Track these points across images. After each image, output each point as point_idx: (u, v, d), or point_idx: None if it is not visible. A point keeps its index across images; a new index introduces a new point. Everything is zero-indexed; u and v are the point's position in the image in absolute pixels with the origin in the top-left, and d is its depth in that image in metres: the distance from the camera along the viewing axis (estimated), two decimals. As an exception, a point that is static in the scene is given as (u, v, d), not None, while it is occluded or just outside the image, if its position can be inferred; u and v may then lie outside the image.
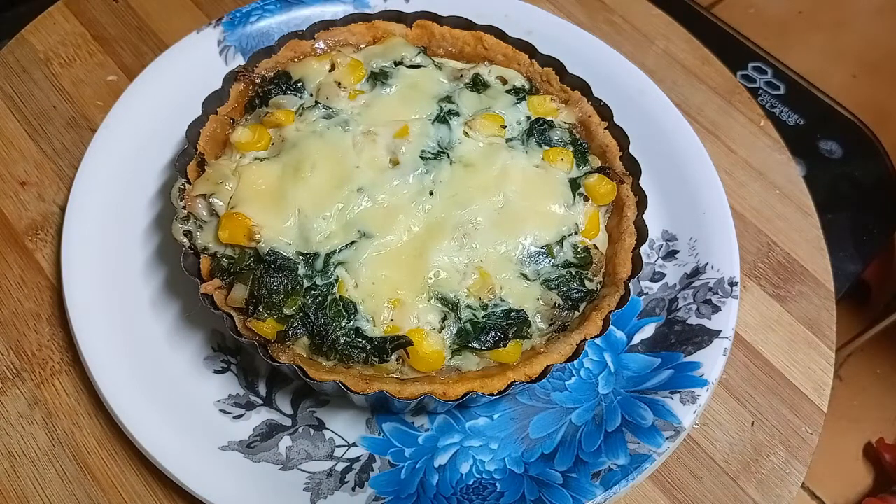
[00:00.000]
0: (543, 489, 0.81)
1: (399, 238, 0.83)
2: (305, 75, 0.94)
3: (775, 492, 0.87)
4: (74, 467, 0.82)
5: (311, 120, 0.90)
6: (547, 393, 0.88)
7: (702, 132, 1.10)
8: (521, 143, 0.92)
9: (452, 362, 0.80)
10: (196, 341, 0.88)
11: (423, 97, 0.93)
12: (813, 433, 0.91)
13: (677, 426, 0.85)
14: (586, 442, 0.84)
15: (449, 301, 0.80)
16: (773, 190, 1.09)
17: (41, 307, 0.91)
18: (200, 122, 0.89)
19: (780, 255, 1.04)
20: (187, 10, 1.17)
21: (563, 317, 0.82)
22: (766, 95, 1.53)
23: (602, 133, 0.94)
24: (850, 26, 1.83)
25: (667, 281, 0.96)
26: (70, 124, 1.04)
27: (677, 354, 0.90)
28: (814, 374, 0.95)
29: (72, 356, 0.88)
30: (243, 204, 0.82)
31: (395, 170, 0.87)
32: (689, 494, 0.86)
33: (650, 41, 1.21)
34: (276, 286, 0.78)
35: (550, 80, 0.98)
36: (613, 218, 0.90)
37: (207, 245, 0.82)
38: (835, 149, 1.47)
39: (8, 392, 0.86)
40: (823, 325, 0.98)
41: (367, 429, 0.85)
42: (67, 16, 1.14)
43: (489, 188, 0.87)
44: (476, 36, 1.00)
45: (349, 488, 0.80)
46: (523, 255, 0.84)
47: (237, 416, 0.84)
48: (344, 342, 0.77)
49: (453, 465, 0.83)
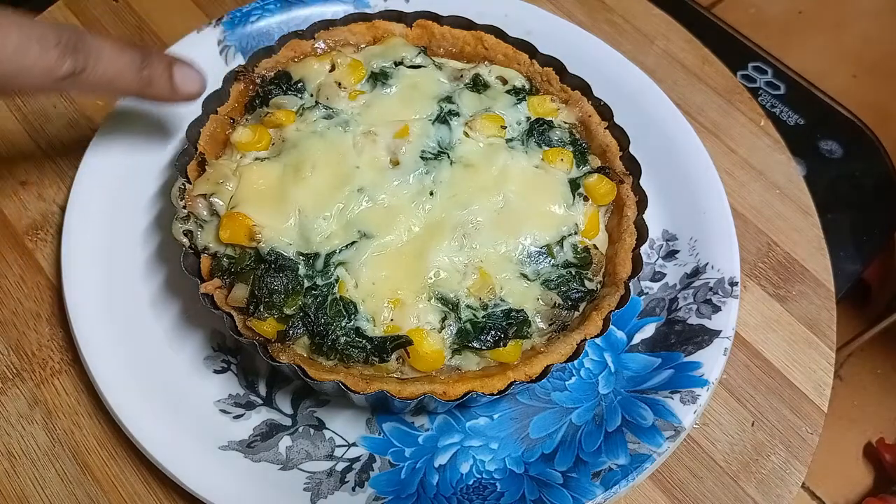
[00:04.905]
0: (543, 489, 0.81)
1: (399, 238, 0.83)
2: (306, 75, 0.94)
3: (775, 492, 0.87)
4: (74, 467, 0.82)
5: (312, 120, 0.90)
6: (547, 393, 0.88)
7: (702, 132, 1.10)
8: (521, 143, 0.92)
9: (452, 362, 0.80)
10: (196, 341, 0.88)
11: (423, 97, 0.93)
12: (813, 433, 0.91)
13: (677, 426, 0.85)
14: (586, 442, 0.84)
15: (449, 301, 0.80)
16: (774, 190, 1.09)
17: (41, 307, 0.91)
18: (200, 122, 0.89)
19: (780, 254, 1.04)
20: (187, 10, 1.17)
21: (563, 317, 0.82)
22: (766, 95, 1.53)
23: (602, 133, 0.94)
24: (850, 26, 1.83)
25: (667, 281, 0.96)
26: (70, 124, 1.04)
27: (677, 354, 0.90)
28: (814, 374, 0.95)
29: (72, 356, 0.88)
30: (244, 204, 0.82)
31: (395, 170, 0.87)
32: (689, 494, 0.86)
33: (650, 41, 1.21)
34: (276, 286, 0.78)
35: (550, 79, 0.98)
36: (613, 218, 0.90)
37: (208, 245, 0.82)
38: (835, 149, 1.47)
39: (8, 392, 0.86)
40: (823, 325, 0.98)
41: (367, 429, 0.85)
42: (67, 16, 1.14)
43: (489, 188, 0.87)
44: (476, 36, 1.00)
45: (349, 488, 0.80)
46: (523, 255, 0.84)
47: (237, 415, 0.84)
48: (344, 342, 0.77)
49: (453, 464, 0.83)
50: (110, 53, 0.76)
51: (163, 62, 0.82)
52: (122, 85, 0.79)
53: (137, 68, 0.78)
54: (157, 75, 0.81)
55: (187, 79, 0.84)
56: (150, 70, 0.80)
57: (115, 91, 0.82)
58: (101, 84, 0.76)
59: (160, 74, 0.81)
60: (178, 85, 0.83)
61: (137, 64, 0.78)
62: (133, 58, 0.78)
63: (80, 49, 0.73)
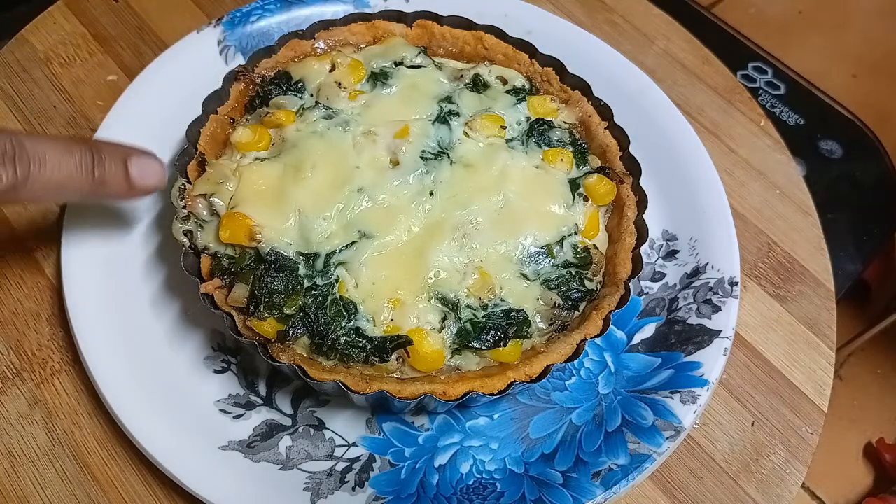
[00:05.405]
0: (543, 489, 0.81)
1: (399, 238, 0.83)
2: (306, 75, 0.94)
3: (775, 492, 0.87)
4: (74, 467, 0.82)
5: (312, 120, 0.90)
6: (547, 393, 0.88)
7: (702, 132, 1.10)
8: (521, 143, 0.92)
9: (452, 362, 0.80)
10: (196, 341, 0.88)
11: (423, 97, 0.93)
12: (813, 433, 0.91)
13: (677, 426, 0.85)
14: (586, 442, 0.84)
15: (449, 301, 0.80)
16: (774, 190, 1.09)
17: (41, 307, 0.91)
18: (200, 122, 0.89)
19: (780, 254, 1.04)
20: (187, 10, 1.17)
21: (563, 317, 0.82)
22: (766, 95, 1.53)
23: (602, 133, 0.94)
24: (850, 26, 1.83)
25: (667, 281, 0.96)
26: (70, 124, 1.04)
27: (677, 354, 0.90)
28: (814, 374, 0.95)
29: (72, 356, 0.88)
30: (244, 204, 0.82)
31: (395, 170, 0.87)
32: (689, 494, 0.86)
33: (650, 41, 1.21)
34: (276, 286, 0.78)
35: (550, 79, 0.98)
36: (613, 218, 0.90)
37: (208, 245, 0.82)
38: (835, 149, 1.47)
39: (8, 392, 0.86)
40: (823, 325, 0.98)
41: (367, 429, 0.85)
42: (67, 15, 1.14)
43: (489, 188, 0.87)
44: (476, 36, 1.00)
45: (349, 488, 0.80)
46: (523, 255, 0.84)
47: (237, 415, 0.84)
48: (344, 342, 0.77)
49: (453, 464, 0.83)
50: (55, 156, 0.69)
51: (115, 157, 0.74)
52: (73, 188, 0.72)
53: (88, 169, 0.71)
54: (112, 174, 0.74)
55: (145, 172, 0.77)
56: (102, 169, 0.73)
57: (65, 196, 0.75)
58: (47, 191, 0.70)
59: (114, 172, 0.74)
60: (134, 180, 0.76)
61: (88, 163, 0.71)
62: (82, 157, 0.71)
63: (20, 157, 0.66)
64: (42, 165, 0.67)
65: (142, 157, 0.77)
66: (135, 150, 0.77)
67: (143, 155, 0.77)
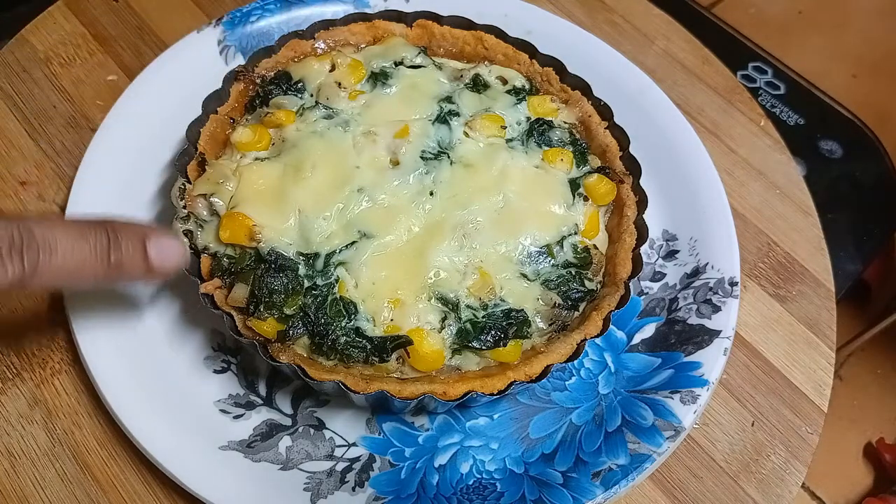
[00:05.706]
0: (543, 489, 0.81)
1: (399, 238, 0.83)
2: (306, 75, 0.94)
3: (775, 492, 0.87)
4: (74, 467, 0.82)
5: (312, 120, 0.90)
6: (547, 393, 0.88)
7: (702, 132, 1.10)
8: (521, 143, 0.92)
9: (452, 362, 0.80)
10: (196, 341, 0.88)
11: (423, 97, 0.93)
12: (813, 433, 0.91)
13: (677, 426, 0.85)
14: (586, 442, 0.84)
15: (449, 301, 0.80)
16: (774, 190, 1.09)
17: (41, 307, 0.91)
18: (200, 122, 0.89)
19: (780, 254, 1.04)
20: (187, 10, 1.17)
21: (563, 317, 0.82)
22: (766, 95, 1.53)
23: (602, 133, 0.94)
24: (850, 26, 1.83)
25: (667, 281, 0.96)
26: (70, 124, 1.04)
27: (677, 354, 0.90)
28: (814, 374, 0.95)
29: (72, 356, 0.88)
30: (244, 204, 0.82)
31: (395, 170, 0.87)
32: (689, 494, 0.86)
33: (650, 41, 1.21)
34: (276, 286, 0.78)
35: (550, 79, 0.98)
36: (613, 218, 0.90)
37: (208, 245, 0.82)
38: (835, 149, 1.47)
39: (8, 392, 0.86)
40: (823, 325, 0.98)
41: (367, 429, 0.85)
42: (67, 15, 1.14)
43: (489, 188, 0.87)
44: (476, 36, 1.00)
45: (349, 488, 0.80)
46: (523, 255, 0.84)
47: (237, 415, 0.84)
48: (344, 342, 0.77)
49: (453, 464, 0.83)
50: (67, 242, 0.64)
51: (133, 238, 0.68)
52: (86, 275, 0.66)
53: (104, 253, 0.66)
54: (129, 257, 0.68)
55: (164, 254, 0.71)
56: (118, 253, 0.67)
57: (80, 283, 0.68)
58: (58, 279, 0.65)
59: (132, 255, 0.68)
60: (153, 262, 0.70)
61: (104, 247, 0.66)
62: (97, 241, 0.66)
63: (28, 246, 0.61)
64: (53, 253, 0.63)
65: (161, 236, 0.71)
66: (153, 230, 0.71)
67: (162, 234, 0.71)
